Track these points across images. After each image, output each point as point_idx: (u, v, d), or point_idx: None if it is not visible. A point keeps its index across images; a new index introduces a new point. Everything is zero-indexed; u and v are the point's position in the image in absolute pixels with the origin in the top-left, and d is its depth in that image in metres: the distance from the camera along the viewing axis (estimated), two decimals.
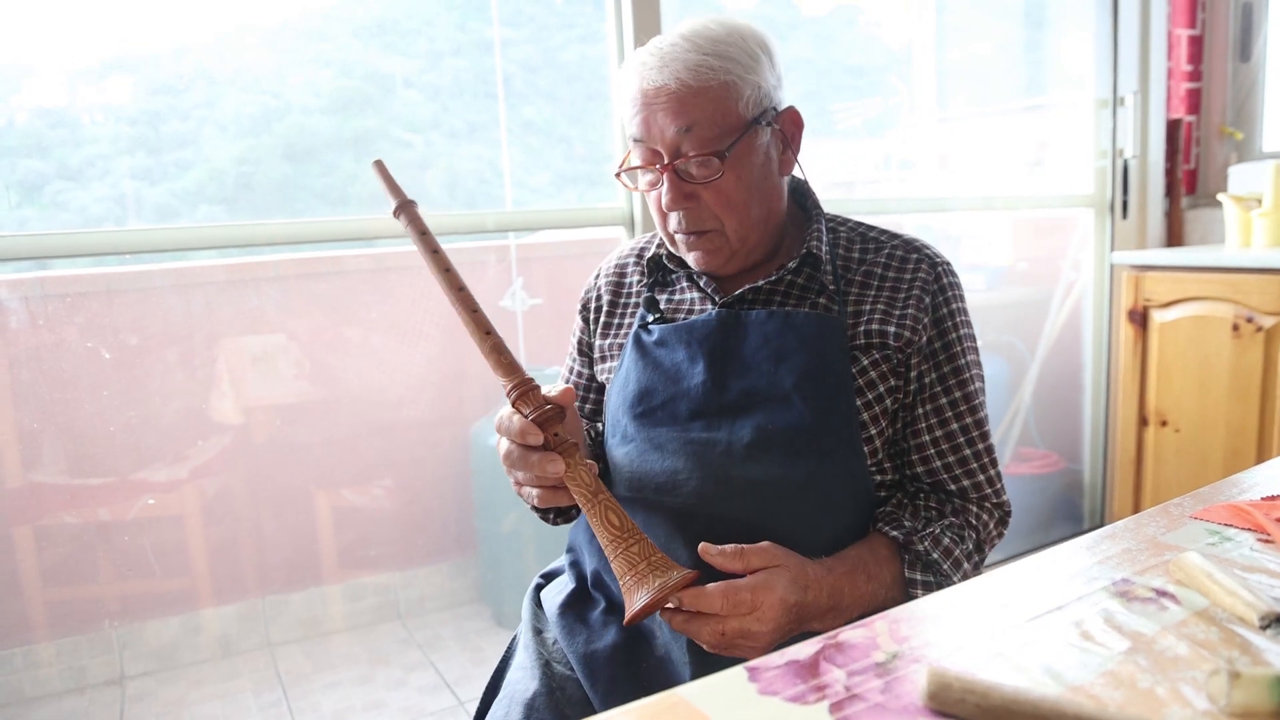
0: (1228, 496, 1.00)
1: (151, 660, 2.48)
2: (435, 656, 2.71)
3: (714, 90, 1.20)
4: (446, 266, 1.19)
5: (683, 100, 1.20)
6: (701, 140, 1.21)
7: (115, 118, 2.41)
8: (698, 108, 1.20)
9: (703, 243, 1.27)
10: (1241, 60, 3.29)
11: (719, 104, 1.21)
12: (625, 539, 1.09)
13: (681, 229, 1.27)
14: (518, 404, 1.14)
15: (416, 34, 2.89)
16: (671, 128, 1.21)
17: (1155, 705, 0.60)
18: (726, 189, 1.23)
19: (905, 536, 1.20)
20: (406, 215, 1.24)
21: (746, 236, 1.27)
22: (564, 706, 1.20)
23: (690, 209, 1.24)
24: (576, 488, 1.12)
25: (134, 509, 2.35)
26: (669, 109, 1.20)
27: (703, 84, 1.19)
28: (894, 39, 3.47)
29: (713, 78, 1.20)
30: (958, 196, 3.25)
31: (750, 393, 1.23)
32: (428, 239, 1.21)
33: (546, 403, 1.13)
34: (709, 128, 1.20)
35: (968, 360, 1.30)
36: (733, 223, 1.25)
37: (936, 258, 1.32)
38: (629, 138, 1.28)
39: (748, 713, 0.60)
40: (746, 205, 1.25)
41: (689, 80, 1.19)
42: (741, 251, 1.29)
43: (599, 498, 1.11)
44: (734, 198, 1.24)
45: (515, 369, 1.15)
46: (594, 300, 1.48)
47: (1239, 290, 2.63)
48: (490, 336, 1.16)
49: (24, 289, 2.19)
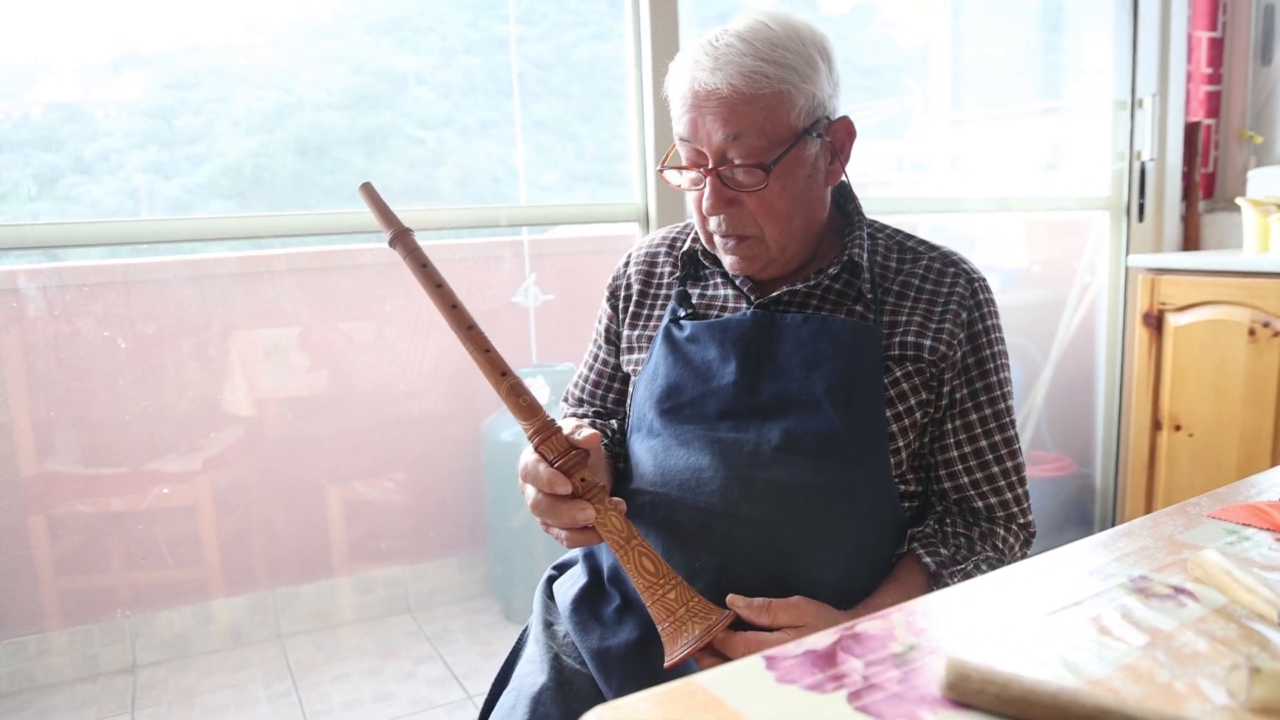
0: (1244, 497, 0.99)
1: (163, 649, 2.49)
2: (444, 650, 2.71)
3: (766, 99, 1.16)
4: (453, 303, 1.15)
5: (733, 107, 1.16)
6: (749, 149, 1.18)
7: (129, 112, 2.42)
8: (748, 116, 1.17)
9: (741, 248, 1.25)
10: (1262, 64, 3.28)
11: (770, 113, 1.17)
12: (662, 584, 1.09)
13: (721, 232, 1.25)
14: (541, 449, 1.12)
15: (429, 31, 2.90)
16: (719, 133, 1.18)
17: (1174, 699, 0.60)
18: (770, 198, 1.21)
19: (938, 568, 1.19)
20: (403, 246, 1.17)
21: (786, 246, 1.26)
22: (572, 701, 1.19)
23: (731, 214, 1.22)
24: (609, 534, 1.11)
25: (147, 499, 2.36)
26: (718, 114, 1.17)
27: (755, 92, 1.16)
28: (909, 39, 3.46)
29: (766, 86, 1.16)
30: (972, 197, 3.24)
31: (781, 396, 1.22)
32: (430, 272, 1.16)
33: (571, 447, 1.12)
34: (757, 137, 1.17)
35: (1000, 378, 1.29)
36: (773, 232, 1.23)
37: (974, 273, 1.31)
38: (676, 134, 1.25)
39: (765, 700, 0.60)
40: (789, 215, 1.23)
41: (741, 87, 1.15)
42: (780, 260, 1.27)
43: (632, 543, 1.11)
44: (777, 207, 1.21)
45: (535, 410, 1.13)
46: (623, 288, 1.45)
47: (1255, 295, 2.61)
48: (507, 378, 1.13)
49: (41, 279, 2.20)
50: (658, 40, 2.30)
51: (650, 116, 2.32)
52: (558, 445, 1.12)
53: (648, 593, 1.09)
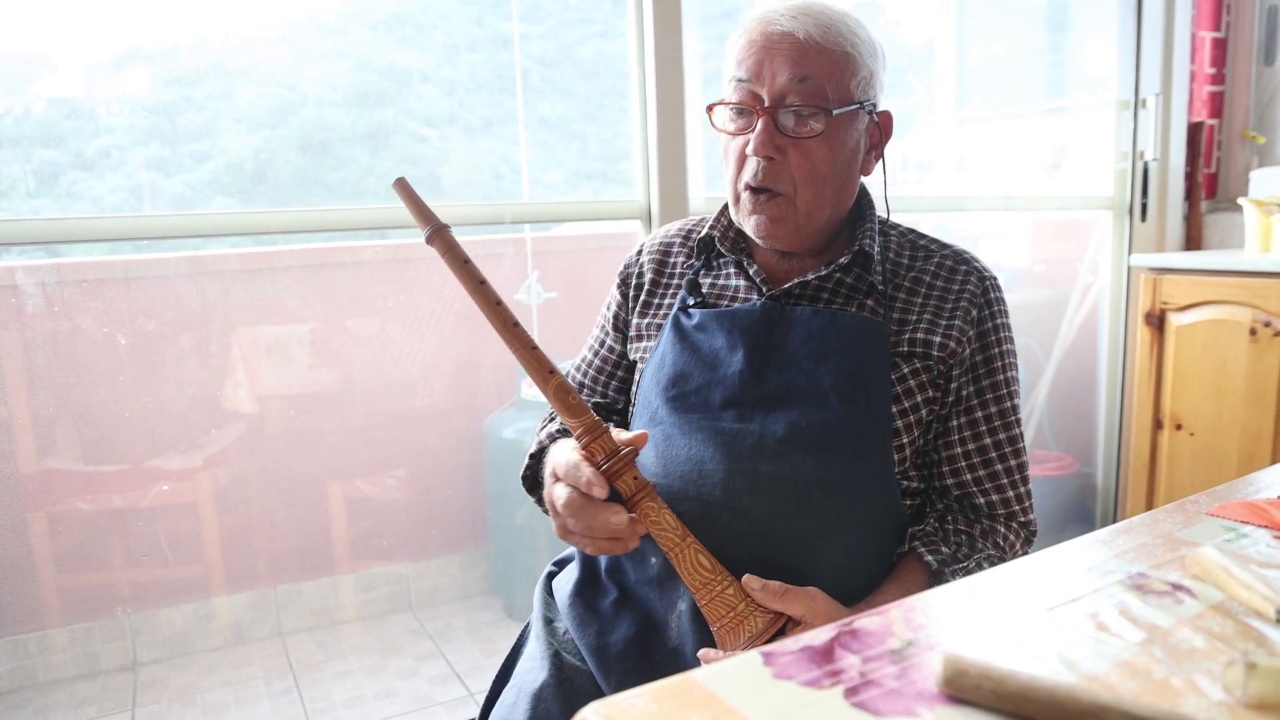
0: (1243, 495, 0.99)
1: (164, 647, 2.49)
2: (446, 647, 2.71)
3: (837, 55, 1.20)
4: (496, 300, 1.14)
5: (805, 51, 1.19)
6: (812, 93, 1.19)
7: (131, 109, 2.42)
8: (818, 64, 1.19)
9: (771, 206, 1.24)
10: (1265, 64, 3.27)
11: (838, 69, 1.20)
12: (720, 580, 1.09)
13: (755, 181, 1.23)
14: (591, 448, 1.11)
15: (433, 28, 2.90)
16: (786, 73, 1.19)
17: (1171, 695, 0.60)
18: (815, 155, 1.21)
19: (940, 566, 1.19)
20: (442, 242, 1.16)
21: (813, 214, 1.25)
22: (572, 697, 1.19)
23: (773, 164, 1.22)
24: (662, 532, 1.11)
25: (148, 496, 2.36)
26: (789, 55, 1.19)
27: (830, 44, 1.19)
28: (914, 38, 3.46)
29: (838, 44, 1.20)
30: (976, 197, 3.24)
31: (787, 387, 1.22)
32: (471, 269, 1.15)
33: (619, 447, 1.12)
34: (823, 86, 1.19)
35: (1007, 376, 1.30)
36: (807, 194, 1.23)
37: (985, 271, 1.32)
38: (730, 80, 1.24)
39: (762, 696, 0.60)
40: (825, 181, 1.24)
41: (816, 36, 1.19)
42: (804, 229, 1.27)
43: (687, 541, 1.10)
44: (819, 167, 1.22)
45: (583, 409, 1.13)
46: (634, 277, 1.44)
47: (1257, 294, 2.61)
48: (554, 376, 1.13)
49: (41, 275, 2.20)
50: (660, 38, 2.30)
51: (653, 114, 2.32)
52: (606, 445, 1.11)
53: (705, 589, 1.09)
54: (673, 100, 2.33)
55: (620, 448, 1.12)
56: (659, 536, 1.11)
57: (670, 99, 2.32)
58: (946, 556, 1.20)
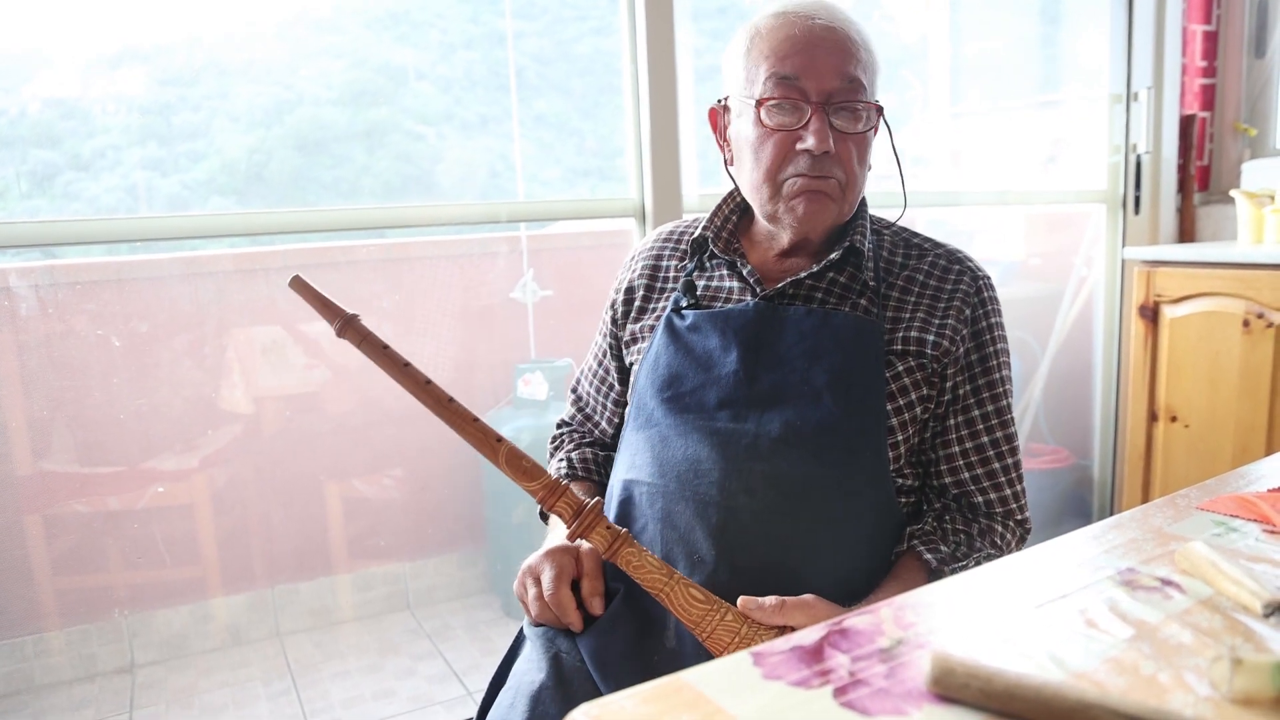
0: (1234, 488, 0.99)
1: (161, 649, 2.49)
2: (444, 646, 2.71)
3: (868, 55, 1.25)
4: (425, 380, 1.16)
5: (849, 50, 1.22)
6: (859, 90, 1.23)
7: (127, 108, 2.42)
8: (860, 64, 1.23)
9: (820, 197, 1.25)
10: (1256, 56, 3.27)
11: (871, 68, 1.25)
12: (717, 610, 1.09)
13: (819, 171, 1.24)
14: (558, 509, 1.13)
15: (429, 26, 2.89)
16: (835, 71, 1.21)
17: (1158, 691, 0.60)
18: (862, 149, 1.25)
19: (939, 565, 1.19)
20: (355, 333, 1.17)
21: (853, 203, 1.29)
22: (571, 699, 1.18)
23: (829, 157, 1.23)
24: (647, 574, 1.11)
25: (144, 498, 2.36)
26: (836, 53, 1.22)
27: (863, 43, 1.24)
28: (908, 33, 3.46)
29: (868, 44, 1.25)
30: (970, 191, 3.24)
31: (781, 387, 1.23)
32: (391, 354, 1.16)
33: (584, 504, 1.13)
34: (869, 85, 1.24)
35: (1002, 375, 1.30)
36: (855, 185, 1.27)
37: (978, 271, 1.32)
38: (767, 77, 1.24)
39: (752, 696, 0.60)
40: (861, 174, 1.27)
41: (854, 36, 1.23)
42: (839, 219, 1.30)
43: (674, 578, 1.11)
44: (864, 160, 1.26)
45: (538, 471, 1.14)
46: (622, 295, 1.45)
47: (1250, 286, 2.61)
48: (503, 444, 1.14)
49: (34, 277, 2.20)
50: (653, 34, 2.29)
51: (646, 112, 2.32)
52: (571, 503, 1.12)
53: (704, 621, 1.09)
54: (666, 97, 2.33)
55: (585, 503, 1.12)
56: (645, 581, 1.11)
57: (663, 96, 2.32)
58: (946, 555, 1.21)
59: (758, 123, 1.25)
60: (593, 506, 1.12)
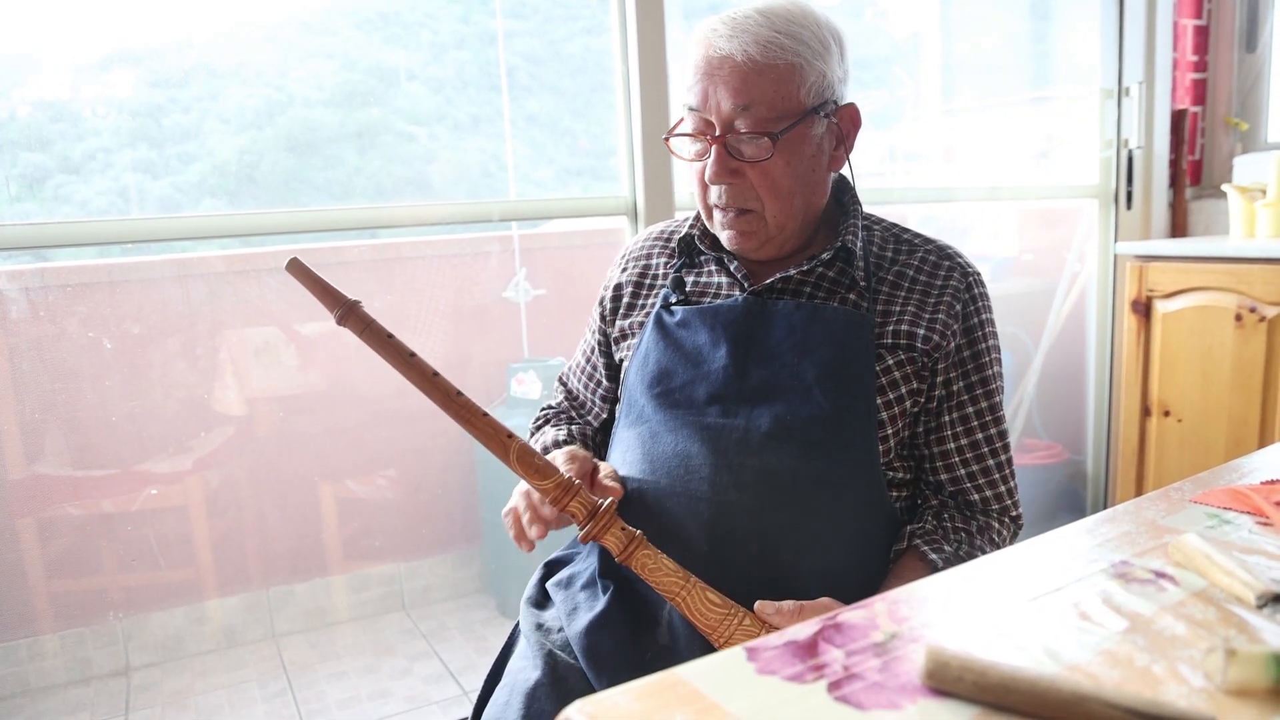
0: (1227, 481, 1.00)
1: (156, 651, 2.49)
2: (440, 646, 2.71)
3: (779, 70, 1.19)
4: (432, 372, 1.12)
5: (745, 76, 1.18)
6: (757, 120, 1.19)
7: (117, 111, 2.41)
8: (758, 87, 1.18)
9: (740, 222, 1.26)
10: (1247, 51, 3.28)
11: (781, 85, 1.19)
12: (734, 615, 1.09)
13: (721, 204, 1.25)
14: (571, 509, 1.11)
15: (420, 26, 2.89)
16: (729, 102, 1.19)
17: (1152, 683, 0.60)
18: (773, 172, 1.22)
19: (945, 564, 1.19)
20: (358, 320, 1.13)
21: (784, 225, 1.26)
22: (566, 696, 1.18)
23: (733, 186, 1.23)
24: (663, 578, 1.09)
25: (138, 500, 2.36)
26: (729, 83, 1.19)
27: (769, 61, 1.18)
28: (900, 31, 3.46)
29: (780, 57, 1.18)
30: (963, 188, 3.25)
31: (771, 382, 1.23)
32: (395, 344, 1.12)
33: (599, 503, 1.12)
34: (767, 109, 1.19)
35: (994, 371, 1.31)
36: (774, 207, 1.24)
37: (969, 267, 1.33)
38: (684, 105, 1.25)
39: (746, 691, 0.60)
40: (790, 193, 1.24)
41: (756, 55, 1.18)
42: (777, 239, 1.28)
43: (691, 581, 1.10)
44: (779, 183, 1.23)
45: (551, 469, 1.11)
46: (611, 292, 1.45)
47: (1242, 280, 2.62)
48: (513, 440, 1.11)
49: (25, 280, 2.19)
50: (644, 34, 2.29)
51: (637, 110, 2.32)
52: (586, 503, 1.10)
53: (721, 627, 1.08)
54: (656, 96, 2.32)
55: (599, 503, 1.11)
56: (660, 584, 1.10)
57: (654, 94, 2.32)
58: (949, 554, 1.21)
59: (677, 154, 1.29)
60: (607, 507, 1.11)
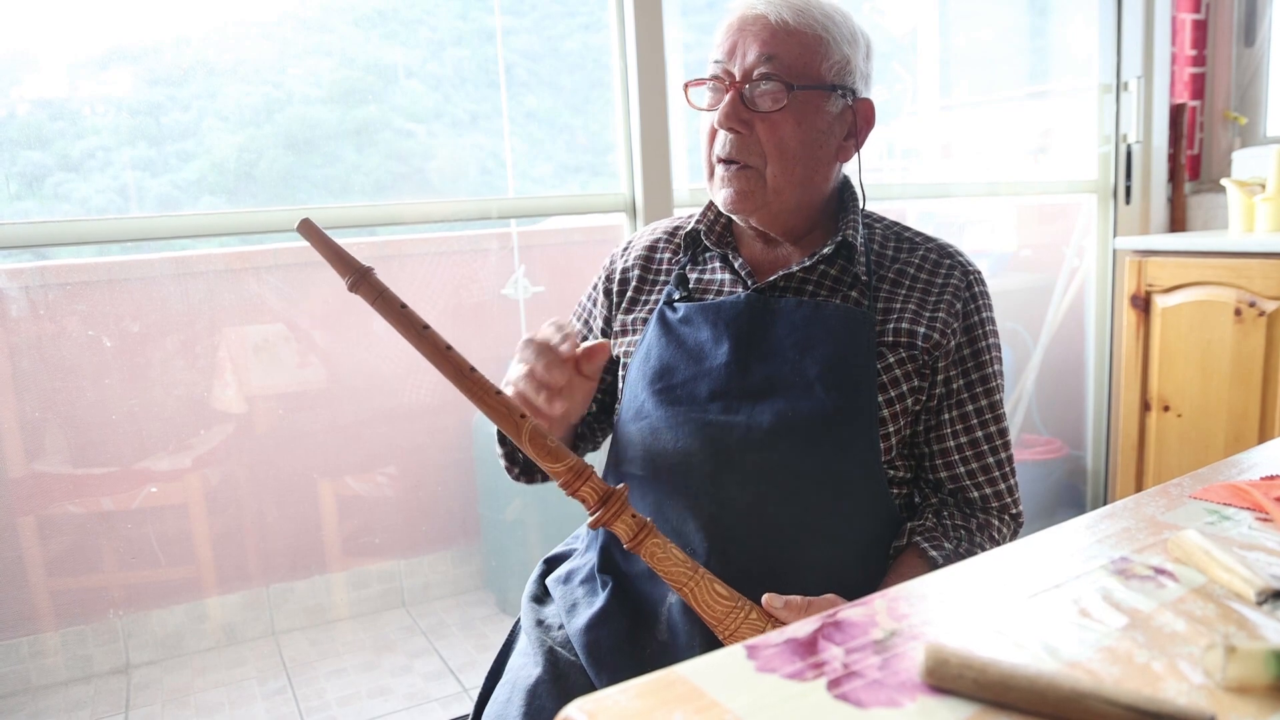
0: (1227, 477, 1.00)
1: (156, 649, 2.49)
2: (440, 643, 2.71)
3: (807, 37, 1.22)
4: (445, 346, 1.11)
5: (774, 32, 1.22)
6: (777, 68, 1.22)
7: (116, 109, 2.41)
8: (786, 44, 1.22)
9: (738, 178, 1.26)
10: (1246, 45, 3.28)
11: (807, 49, 1.23)
12: (741, 608, 1.09)
13: (725, 154, 1.26)
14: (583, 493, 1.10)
15: (418, 23, 2.88)
16: (754, 52, 1.22)
17: (1152, 680, 0.60)
18: (782, 129, 1.23)
19: (945, 562, 1.19)
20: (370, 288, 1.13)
21: (782, 190, 1.26)
22: (567, 693, 1.18)
23: (740, 137, 1.24)
24: (671, 568, 1.09)
25: (138, 498, 2.36)
26: (759, 36, 1.22)
27: (800, 26, 1.22)
28: (898, 26, 3.46)
29: (810, 26, 1.22)
30: (961, 183, 3.25)
31: (773, 378, 1.23)
32: (409, 314, 1.11)
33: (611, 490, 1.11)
34: (790, 63, 1.22)
35: (994, 369, 1.31)
36: (775, 167, 1.24)
37: (969, 265, 1.33)
38: (711, 60, 1.28)
39: (746, 689, 0.60)
40: (795, 157, 1.25)
41: (788, 18, 1.22)
42: (774, 205, 1.27)
43: (699, 573, 1.09)
44: (786, 142, 1.23)
45: (563, 453, 1.10)
46: (619, 277, 1.44)
47: (1241, 275, 2.62)
48: (526, 421, 1.10)
49: (24, 278, 2.19)
50: (641, 28, 2.29)
51: (635, 106, 2.32)
52: (597, 488, 1.10)
53: (727, 619, 1.08)
54: (655, 92, 2.32)
55: (611, 489, 1.11)
56: (668, 574, 1.09)
57: (652, 91, 2.32)
58: (950, 551, 1.21)
59: (692, 103, 1.31)
60: (618, 493, 1.10)
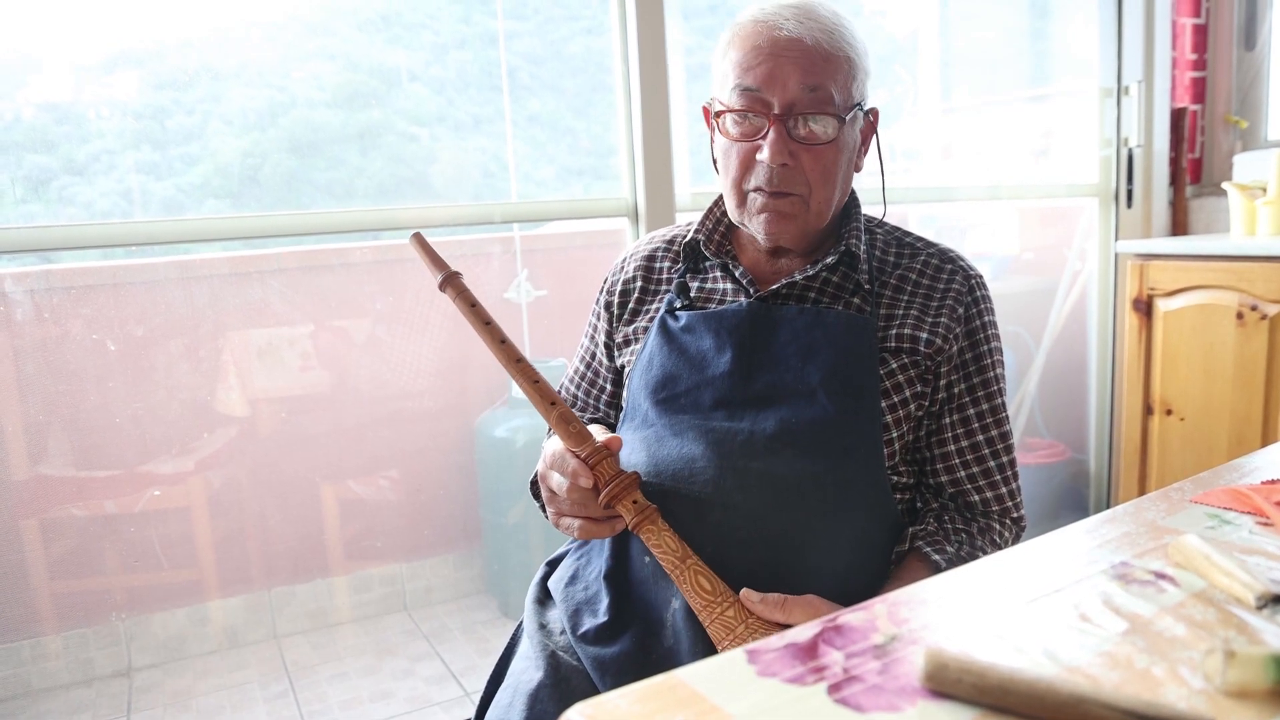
0: (1228, 481, 1.00)
1: (158, 652, 2.49)
2: (441, 647, 2.71)
3: (841, 61, 1.22)
4: (502, 338, 1.22)
5: (814, 60, 1.21)
6: (824, 101, 1.21)
7: (121, 112, 2.41)
8: (826, 72, 1.21)
9: (784, 204, 1.25)
10: (1246, 48, 3.28)
11: (844, 75, 1.23)
12: (719, 602, 1.10)
13: (771, 187, 1.25)
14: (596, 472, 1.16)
15: (421, 27, 2.89)
16: (797, 82, 1.21)
17: (1152, 685, 0.60)
18: (827, 158, 1.24)
19: (947, 565, 1.19)
20: (454, 288, 1.26)
21: (823, 214, 1.27)
22: (569, 697, 1.18)
23: (788, 169, 1.23)
24: (663, 554, 1.13)
25: (140, 501, 2.36)
26: (800, 63, 1.21)
27: (834, 50, 1.22)
28: (899, 28, 3.46)
29: (842, 50, 1.22)
30: (963, 186, 3.25)
31: (776, 386, 1.23)
32: (479, 311, 1.24)
33: (620, 473, 1.15)
34: (832, 93, 1.22)
35: (996, 374, 1.31)
36: (820, 194, 1.25)
37: (970, 270, 1.33)
38: (733, 87, 1.25)
39: (746, 694, 0.60)
40: (835, 181, 1.26)
41: (824, 42, 1.21)
42: (810, 230, 1.29)
43: (687, 562, 1.12)
44: (830, 169, 1.24)
45: (585, 436, 1.17)
46: (619, 291, 1.44)
47: (1243, 278, 2.62)
48: (557, 406, 1.18)
49: (29, 282, 2.20)
50: (643, 32, 2.29)
51: (637, 110, 2.32)
52: (609, 470, 1.15)
53: (705, 611, 1.10)
54: (657, 96, 2.33)
55: (623, 473, 1.15)
56: (662, 558, 1.13)
57: (654, 95, 2.32)
58: (951, 555, 1.21)
59: (724, 132, 1.28)
60: (625, 476, 1.15)
